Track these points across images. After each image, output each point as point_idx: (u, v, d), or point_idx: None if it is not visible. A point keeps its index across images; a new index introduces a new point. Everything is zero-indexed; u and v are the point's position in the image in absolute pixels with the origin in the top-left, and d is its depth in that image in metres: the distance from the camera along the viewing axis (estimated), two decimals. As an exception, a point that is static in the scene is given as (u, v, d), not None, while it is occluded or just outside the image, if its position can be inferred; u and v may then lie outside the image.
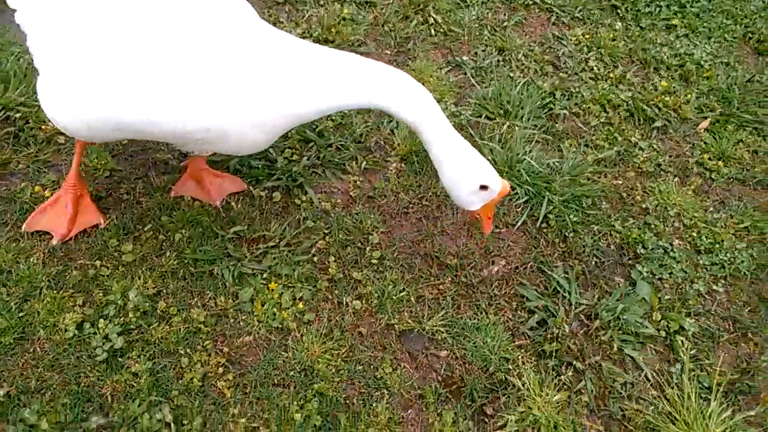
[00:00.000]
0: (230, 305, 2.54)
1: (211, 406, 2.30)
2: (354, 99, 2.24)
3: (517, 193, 3.16)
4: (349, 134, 3.28)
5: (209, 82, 2.11)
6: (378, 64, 2.25)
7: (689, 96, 3.86)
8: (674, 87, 3.92)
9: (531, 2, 4.32)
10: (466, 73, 3.77)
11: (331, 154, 3.17)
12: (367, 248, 2.84)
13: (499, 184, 2.34)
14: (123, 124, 2.16)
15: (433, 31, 4.02)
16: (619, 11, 4.41)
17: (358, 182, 3.11)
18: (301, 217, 2.90)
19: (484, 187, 2.34)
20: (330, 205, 2.97)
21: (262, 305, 2.55)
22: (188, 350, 2.40)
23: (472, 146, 2.32)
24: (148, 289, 2.52)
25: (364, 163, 3.18)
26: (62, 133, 3.00)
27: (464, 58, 3.86)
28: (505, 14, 4.23)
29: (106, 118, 2.16)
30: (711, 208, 3.36)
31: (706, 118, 3.78)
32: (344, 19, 3.95)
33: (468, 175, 2.31)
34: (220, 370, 2.37)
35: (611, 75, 3.90)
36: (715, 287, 3.03)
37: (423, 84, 2.28)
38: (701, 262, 3.11)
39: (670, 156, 3.57)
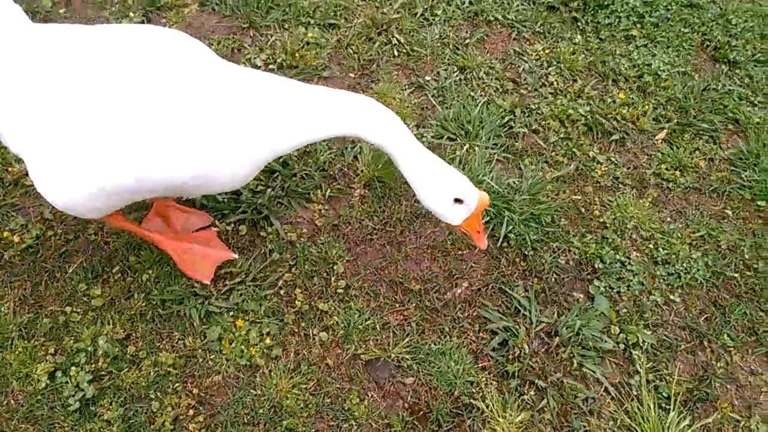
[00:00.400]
0: (198, 345, 2.61)
1: (182, 449, 2.37)
2: (328, 131, 2.32)
3: (478, 214, 3.24)
4: (313, 162, 3.34)
5: (200, 132, 2.16)
6: (345, 93, 2.33)
7: (647, 107, 3.96)
8: (632, 99, 4.01)
9: (493, 18, 4.39)
10: (428, 94, 3.84)
11: (295, 184, 3.24)
12: (333, 278, 2.92)
13: (474, 197, 2.32)
14: (122, 187, 2.20)
15: (396, 52, 4.08)
16: (579, 23, 4.48)
17: (322, 211, 3.18)
18: (267, 249, 2.97)
19: (459, 201, 2.34)
20: (296, 236, 3.04)
21: (230, 343, 2.62)
22: (159, 394, 2.46)
23: (444, 162, 2.35)
24: (117, 333, 2.58)
25: (329, 191, 3.24)
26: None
27: (427, 78, 3.93)
28: (467, 31, 4.30)
29: (109, 187, 2.20)
30: (668, 219, 3.47)
31: (663, 128, 3.87)
32: (308, 43, 4.01)
33: (440, 191, 2.33)
34: (191, 412, 2.44)
35: (570, 89, 3.98)
36: (672, 297, 3.13)
37: (386, 106, 2.35)
38: (658, 273, 3.22)
39: (628, 168, 3.67)
